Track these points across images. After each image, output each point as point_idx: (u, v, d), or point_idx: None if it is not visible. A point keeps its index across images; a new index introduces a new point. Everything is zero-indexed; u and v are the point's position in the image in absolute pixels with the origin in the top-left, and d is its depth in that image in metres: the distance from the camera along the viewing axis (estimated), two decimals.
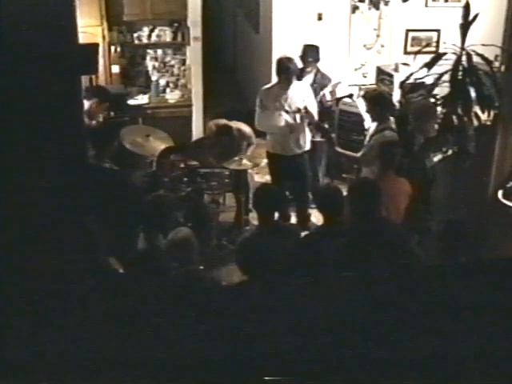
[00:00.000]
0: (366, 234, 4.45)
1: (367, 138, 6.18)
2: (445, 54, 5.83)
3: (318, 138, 7.06)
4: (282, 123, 6.55)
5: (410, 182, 5.33)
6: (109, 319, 2.07)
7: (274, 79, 7.89)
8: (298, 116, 6.53)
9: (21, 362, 1.96)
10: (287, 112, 6.53)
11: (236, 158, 6.65)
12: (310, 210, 6.87)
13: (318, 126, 6.82)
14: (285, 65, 6.48)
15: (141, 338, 2.01)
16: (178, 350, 1.97)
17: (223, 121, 6.93)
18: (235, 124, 6.94)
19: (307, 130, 6.72)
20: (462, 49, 5.75)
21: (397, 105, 6.74)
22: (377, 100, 6.06)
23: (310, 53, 7.29)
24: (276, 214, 5.10)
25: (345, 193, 4.96)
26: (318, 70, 7.33)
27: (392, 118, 6.13)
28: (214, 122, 6.98)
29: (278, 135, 6.63)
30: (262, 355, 1.99)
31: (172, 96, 8.84)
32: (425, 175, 5.67)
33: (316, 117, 6.65)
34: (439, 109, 5.96)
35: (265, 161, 7.14)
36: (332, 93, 7.42)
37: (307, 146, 6.74)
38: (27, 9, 3.10)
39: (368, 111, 6.25)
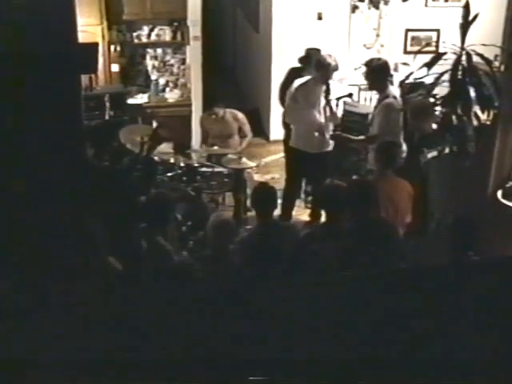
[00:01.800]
0: (360, 234, 4.46)
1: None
2: (444, 53, 5.82)
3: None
4: (310, 119, 6.50)
5: (409, 182, 5.35)
6: (109, 318, 2.08)
7: (274, 78, 7.90)
8: (327, 114, 6.47)
9: (23, 363, 1.97)
10: (318, 109, 6.48)
11: (234, 157, 6.68)
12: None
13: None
14: (326, 62, 6.40)
15: (140, 337, 2.02)
16: (177, 349, 1.98)
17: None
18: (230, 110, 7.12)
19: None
20: (462, 48, 5.74)
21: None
22: (380, 69, 6.21)
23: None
24: (277, 212, 5.11)
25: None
26: None
27: (391, 86, 6.28)
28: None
29: (303, 131, 6.59)
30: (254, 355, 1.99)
31: (172, 95, 8.84)
32: (419, 172, 5.70)
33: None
34: (439, 108, 5.96)
35: (264, 160, 7.16)
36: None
37: (330, 146, 6.69)
38: (27, 9, 3.10)
39: (367, 79, 6.36)
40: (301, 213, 7.12)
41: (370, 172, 6.11)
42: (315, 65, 6.53)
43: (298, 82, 6.63)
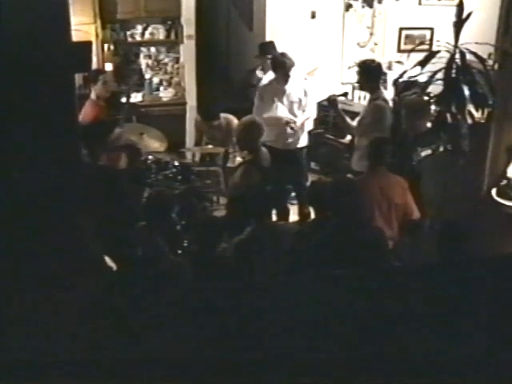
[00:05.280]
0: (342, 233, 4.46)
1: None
2: (438, 52, 5.83)
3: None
4: (278, 114, 6.59)
5: (403, 179, 5.36)
6: (109, 317, 2.07)
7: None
8: (295, 107, 6.58)
9: (21, 363, 1.96)
10: (281, 107, 6.63)
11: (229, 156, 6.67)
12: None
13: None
14: (280, 60, 6.56)
15: (140, 337, 2.01)
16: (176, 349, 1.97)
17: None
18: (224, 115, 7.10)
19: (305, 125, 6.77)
20: (456, 47, 5.75)
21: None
22: (372, 71, 6.23)
23: (267, 49, 7.41)
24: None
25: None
26: None
27: (383, 89, 6.27)
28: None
29: (273, 127, 6.64)
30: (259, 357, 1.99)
31: (165, 94, 8.83)
32: (413, 170, 5.71)
33: (311, 115, 6.72)
34: (433, 107, 5.97)
35: None
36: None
37: (303, 142, 6.75)
38: (21, 7, 3.08)
39: (360, 81, 6.39)
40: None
41: (355, 173, 6.13)
42: (271, 65, 6.70)
43: (261, 85, 6.90)
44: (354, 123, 6.27)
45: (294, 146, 6.72)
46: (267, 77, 7.04)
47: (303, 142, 6.79)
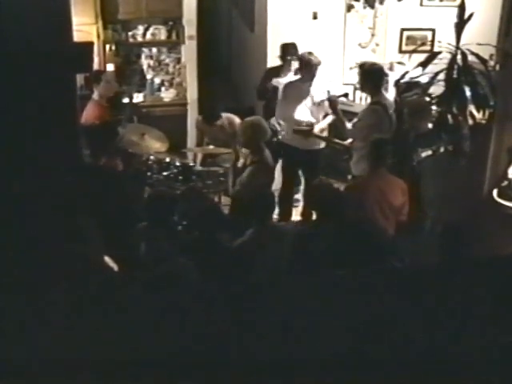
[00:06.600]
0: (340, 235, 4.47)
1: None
2: (440, 53, 5.84)
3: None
4: (299, 115, 6.58)
5: (403, 180, 5.36)
6: (110, 318, 2.08)
7: None
8: (318, 109, 6.61)
9: (19, 363, 1.96)
10: (305, 107, 6.61)
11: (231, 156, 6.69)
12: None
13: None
14: (308, 59, 6.56)
15: (140, 337, 2.02)
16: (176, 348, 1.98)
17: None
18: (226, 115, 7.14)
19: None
20: (457, 48, 5.76)
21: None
22: (372, 74, 6.16)
23: (289, 50, 7.40)
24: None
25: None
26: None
27: (385, 93, 6.23)
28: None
29: (292, 127, 6.65)
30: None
31: (167, 94, 8.84)
32: (413, 171, 5.71)
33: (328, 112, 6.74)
34: (434, 108, 5.98)
35: None
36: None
37: (321, 144, 6.75)
38: (22, 7, 3.09)
39: (361, 84, 6.34)
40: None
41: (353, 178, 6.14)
42: (300, 64, 6.69)
43: (286, 82, 6.80)
44: (349, 125, 6.23)
45: (313, 147, 6.69)
46: (286, 79, 7.01)
47: (319, 144, 6.75)
